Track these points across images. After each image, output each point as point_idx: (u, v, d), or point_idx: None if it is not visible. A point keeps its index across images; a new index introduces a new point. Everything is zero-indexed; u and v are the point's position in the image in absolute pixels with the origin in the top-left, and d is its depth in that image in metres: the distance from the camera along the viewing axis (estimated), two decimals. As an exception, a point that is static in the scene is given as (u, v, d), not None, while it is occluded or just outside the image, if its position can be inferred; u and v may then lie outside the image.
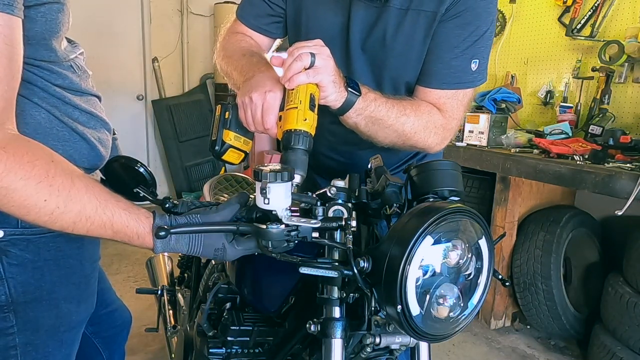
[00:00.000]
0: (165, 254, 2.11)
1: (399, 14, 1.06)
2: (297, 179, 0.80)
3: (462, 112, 1.12)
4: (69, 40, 0.96)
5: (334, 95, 0.91)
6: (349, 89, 0.94)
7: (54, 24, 0.80)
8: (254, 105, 0.90)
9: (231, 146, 0.95)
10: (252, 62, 1.07)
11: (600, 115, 2.57)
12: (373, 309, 0.81)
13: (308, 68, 0.85)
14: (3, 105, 0.67)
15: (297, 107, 0.83)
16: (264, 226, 0.72)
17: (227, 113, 0.95)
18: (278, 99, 0.89)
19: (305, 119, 0.83)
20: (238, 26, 1.25)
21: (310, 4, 1.15)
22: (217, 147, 0.94)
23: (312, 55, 0.85)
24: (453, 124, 1.11)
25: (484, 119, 2.68)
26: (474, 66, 1.07)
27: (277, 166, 0.73)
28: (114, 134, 1.05)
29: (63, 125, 0.85)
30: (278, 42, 1.30)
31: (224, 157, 0.96)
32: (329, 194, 0.81)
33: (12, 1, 0.67)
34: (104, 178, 1.02)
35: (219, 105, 0.98)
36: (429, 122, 1.06)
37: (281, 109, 0.88)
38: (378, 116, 0.99)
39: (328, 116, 0.99)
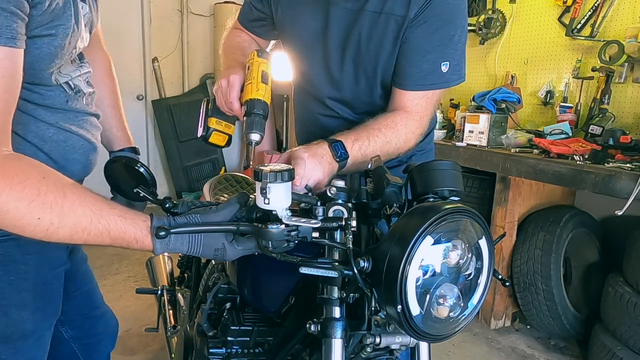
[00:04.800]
0: (165, 254, 2.10)
1: (373, 17, 1.11)
2: (257, 137, 0.96)
3: (432, 109, 1.19)
4: (80, 57, 0.95)
5: (330, 174, 0.98)
6: (338, 160, 1.00)
7: (46, 58, 0.79)
8: (222, 88, 1.05)
9: (215, 130, 1.09)
10: (234, 57, 1.20)
11: (600, 115, 2.57)
12: (373, 309, 0.81)
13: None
14: None
15: (251, 82, 1.00)
16: (264, 226, 0.72)
17: (209, 104, 1.11)
18: (239, 79, 1.04)
19: (258, 90, 0.99)
20: (238, 25, 1.40)
21: (289, 10, 1.22)
22: (203, 132, 1.09)
23: (307, 185, 0.90)
24: (425, 121, 1.18)
25: (484, 119, 2.68)
26: (444, 68, 1.12)
27: (277, 166, 0.74)
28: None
29: (26, 142, 0.84)
30: (273, 42, 1.44)
31: (210, 140, 1.09)
32: (329, 194, 0.81)
33: (16, 34, 0.67)
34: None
35: (204, 100, 1.13)
36: (407, 134, 1.12)
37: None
38: (367, 156, 1.04)
39: (320, 109, 1.17)
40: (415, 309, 0.67)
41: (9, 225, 0.67)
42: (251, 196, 0.81)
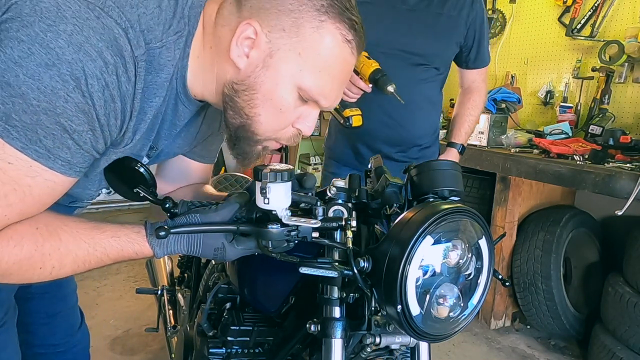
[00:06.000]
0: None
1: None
2: (392, 88, 1.38)
3: (486, 83, 1.89)
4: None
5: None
6: (461, 153, 1.89)
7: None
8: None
9: (352, 115, 1.45)
10: None
11: (600, 115, 2.57)
12: (373, 309, 0.80)
13: None
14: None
15: (363, 64, 1.43)
16: (264, 226, 0.72)
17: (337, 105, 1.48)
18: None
19: (372, 64, 1.42)
20: None
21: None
22: (348, 123, 1.45)
23: None
24: (484, 92, 1.89)
25: (484, 119, 2.68)
26: (488, 47, 1.81)
27: (277, 166, 0.73)
28: None
29: None
30: None
31: (354, 124, 1.45)
32: (329, 194, 0.81)
33: (83, 169, 0.70)
34: None
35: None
36: (477, 107, 1.85)
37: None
38: (469, 133, 1.90)
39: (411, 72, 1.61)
40: (415, 309, 0.67)
41: (14, 281, 0.70)
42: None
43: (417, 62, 1.65)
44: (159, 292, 1.98)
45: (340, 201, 0.80)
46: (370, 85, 1.44)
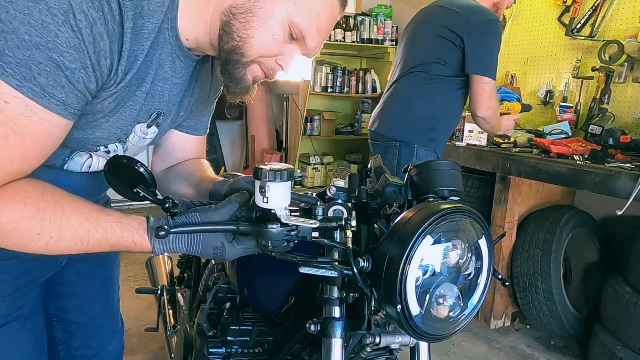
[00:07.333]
0: (165, 254, 2.10)
1: None
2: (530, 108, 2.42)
3: None
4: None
5: None
6: None
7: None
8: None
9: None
10: None
11: (600, 115, 2.57)
12: (373, 309, 0.81)
13: None
14: (15, 176, 0.69)
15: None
16: (265, 226, 0.72)
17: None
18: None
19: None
20: None
21: None
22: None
23: None
24: None
25: (484, 119, 2.68)
26: None
27: (277, 165, 0.73)
28: None
29: None
30: None
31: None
32: (329, 194, 0.81)
33: (78, 111, 0.72)
34: None
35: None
36: None
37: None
38: None
39: None
40: (415, 309, 0.67)
41: (10, 244, 0.69)
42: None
43: None
44: (159, 292, 1.97)
45: (340, 201, 0.80)
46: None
